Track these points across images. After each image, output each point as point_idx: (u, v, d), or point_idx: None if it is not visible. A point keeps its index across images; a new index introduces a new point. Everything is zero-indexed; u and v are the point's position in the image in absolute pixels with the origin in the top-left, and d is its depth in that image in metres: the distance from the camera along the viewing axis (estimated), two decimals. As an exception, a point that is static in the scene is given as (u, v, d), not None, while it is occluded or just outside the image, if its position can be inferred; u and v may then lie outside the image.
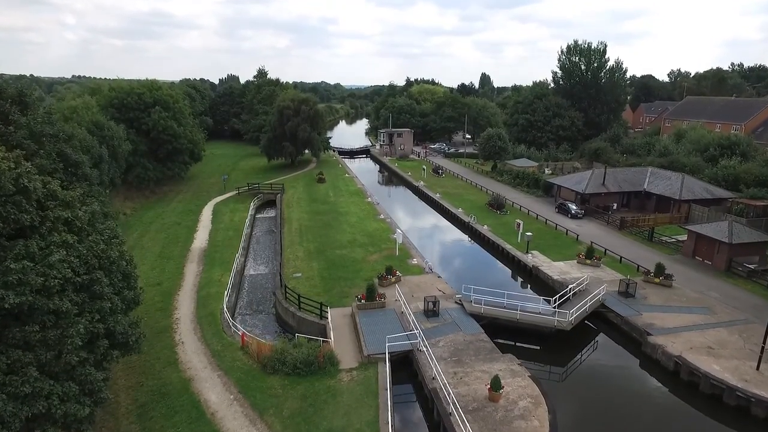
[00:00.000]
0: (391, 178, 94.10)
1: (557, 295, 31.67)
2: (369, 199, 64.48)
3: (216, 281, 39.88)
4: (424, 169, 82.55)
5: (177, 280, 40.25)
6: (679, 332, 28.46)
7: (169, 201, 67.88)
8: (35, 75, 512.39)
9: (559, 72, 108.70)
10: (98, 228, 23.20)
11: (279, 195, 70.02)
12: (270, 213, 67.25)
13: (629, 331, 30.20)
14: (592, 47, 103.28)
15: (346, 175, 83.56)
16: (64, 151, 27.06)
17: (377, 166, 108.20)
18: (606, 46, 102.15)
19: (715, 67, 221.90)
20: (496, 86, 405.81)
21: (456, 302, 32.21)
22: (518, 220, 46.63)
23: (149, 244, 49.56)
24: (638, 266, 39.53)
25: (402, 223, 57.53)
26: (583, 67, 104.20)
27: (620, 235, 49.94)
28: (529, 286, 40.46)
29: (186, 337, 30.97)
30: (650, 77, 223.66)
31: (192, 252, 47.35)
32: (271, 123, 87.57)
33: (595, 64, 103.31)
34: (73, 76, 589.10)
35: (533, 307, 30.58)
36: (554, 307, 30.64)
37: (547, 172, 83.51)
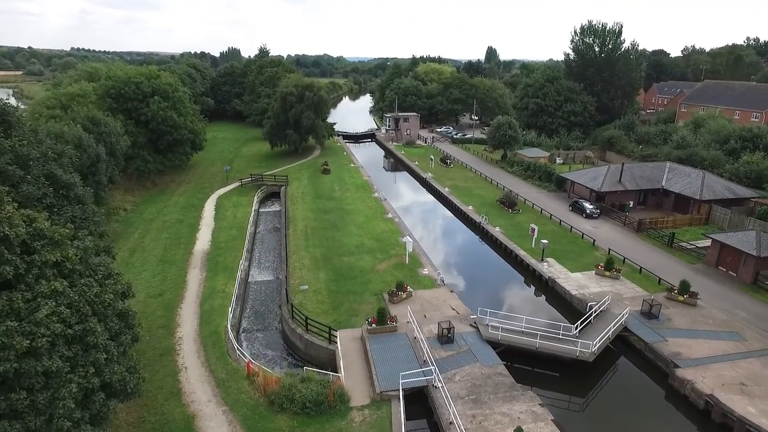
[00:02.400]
0: (396, 165, 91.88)
1: (579, 321, 30.00)
2: (376, 195, 62.49)
3: (220, 291, 38.48)
4: (431, 159, 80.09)
5: (179, 290, 38.86)
6: (708, 364, 26.93)
7: (171, 193, 66.12)
8: (33, 47, 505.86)
9: (572, 54, 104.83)
10: (91, 264, 21.51)
11: (283, 187, 68.11)
12: (274, 207, 65.47)
13: (654, 359, 28.70)
14: (607, 28, 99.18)
15: (352, 164, 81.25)
16: (54, 172, 25.16)
17: (382, 151, 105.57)
18: (621, 26, 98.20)
19: (730, 44, 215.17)
20: (503, 59, 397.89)
21: (471, 325, 30.70)
22: (533, 225, 44.72)
23: (151, 245, 48.02)
24: (660, 279, 37.78)
25: (410, 221, 55.75)
26: (597, 48, 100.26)
27: (638, 238, 48.03)
28: (544, 297, 38.92)
29: (189, 360, 29.70)
30: (662, 52, 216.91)
31: (194, 255, 45.87)
32: (274, 109, 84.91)
33: (610, 46, 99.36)
34: (71, 48, 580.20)
35: (553, 334, 28.97)
36: (576, 334, 29.06)
37: (558, 161, 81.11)
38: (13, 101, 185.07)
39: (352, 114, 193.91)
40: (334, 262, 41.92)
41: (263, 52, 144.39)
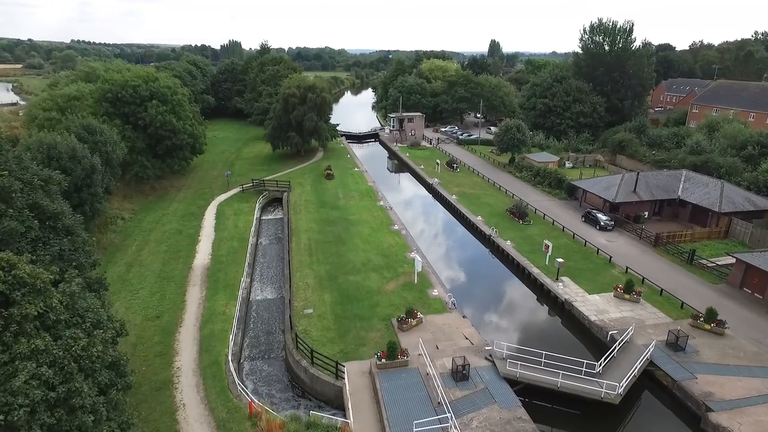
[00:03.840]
0: (401, 167, 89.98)
1: (603, 358, 28.13)
2: (381, 203, 60.47)
3: (220, 313, 36.77)
4: (438, 164, 77.86)
5: (178, 312, 37.14)
6: (744, 407, 25.11)
7: (170, 200, 64.23)
8: (33, 40, 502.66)
9: (581, 53, 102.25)
10: (79, 310, 19.70)
11: (286, 193, 66.23)
12: (277, 214, 63.64)
13: (683, 399, 26.86)
14: (618, 26, 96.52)
15: (356, 168, 79.14)
16: (39, 202, 23.27)
17: (386, 152, 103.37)
18: (633, 25, 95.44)
19: (738, 38, 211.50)
20: (505, 52, 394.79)
21: (487, 358, 28.88)
22: (546, 242, 42.75)
23: (149, 259, 46.24)
24: (683, 303, 35.88)
25: (417, 233, 53.89)
26: (606, 47, 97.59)
27: (656, 253, 46.07)
28: (560, 320, 37.07)
29: (188, 395, 28.00)
30: (668, 47, 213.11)
31: (194, 271, 44.13)
32: (276, 111, 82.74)
33: (620, 44, 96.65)
34: (71, 40, 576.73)
35: (575, 371, 27.14)
36: (599, 371, 27.25)
37: (567, 165, 79.03)
38: (12, 96, 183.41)
39: (355, 109, 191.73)
40: (340, 281, 40.09)
41: (264, 49, 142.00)
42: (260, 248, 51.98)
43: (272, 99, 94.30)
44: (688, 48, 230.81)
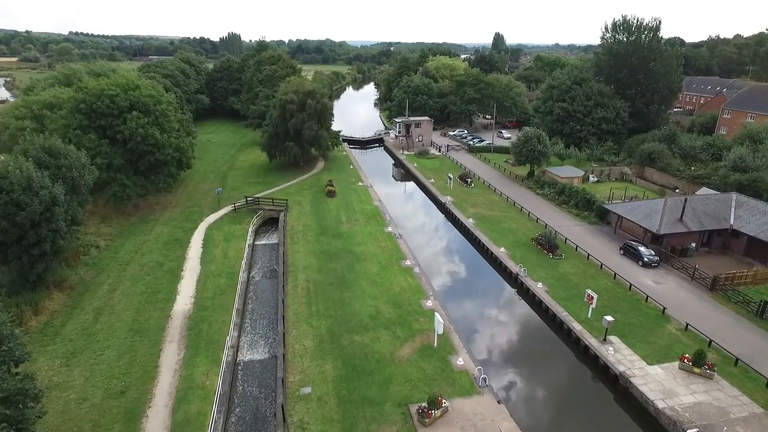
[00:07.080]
0: (407, 176, 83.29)
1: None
2: (389, 229, 53.55)
3: (199, 386, 30.34)
4: (450, 178, 70.57)
5: (148, 383, 30.69)
6: None
7: (154, 222, 57.51)
8: (31, 31, 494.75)
9: (602, 53, 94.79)
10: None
11: (282, 214, 59.47)
12: (272, 237, 56.84)
13: None
14: (644, 23, 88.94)
15: (360, 183, 72.08)
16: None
17: (392, 160, 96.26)
18: (660, 22, 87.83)
19: (756, 32, 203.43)
20: (509, 44, 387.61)
21: (536, 478, 22.28)
22: (590, 292, 35.83)
23: (121, 304, 39.67)
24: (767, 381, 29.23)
25: (430, 267, 47.15)
26: (631, 47, 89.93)
27: (714, 300, 39.28)
28: (612, 396, 30.38)
29: None
30: (679, 41, 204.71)
31: (173, 320, 37.62)
32: (273, 118, 75.68)
33: (646, 43, 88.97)
34: (69, 32, 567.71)
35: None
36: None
37: (592, 179, 72.05)
38: (3, 92, 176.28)
39: (357, 107, 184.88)
40: (344, 343, 33.39)
41: (262, 46, 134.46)
42: (252, 286, 45.29)
43: (269, 102, 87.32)
44: (699, 42, 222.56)
